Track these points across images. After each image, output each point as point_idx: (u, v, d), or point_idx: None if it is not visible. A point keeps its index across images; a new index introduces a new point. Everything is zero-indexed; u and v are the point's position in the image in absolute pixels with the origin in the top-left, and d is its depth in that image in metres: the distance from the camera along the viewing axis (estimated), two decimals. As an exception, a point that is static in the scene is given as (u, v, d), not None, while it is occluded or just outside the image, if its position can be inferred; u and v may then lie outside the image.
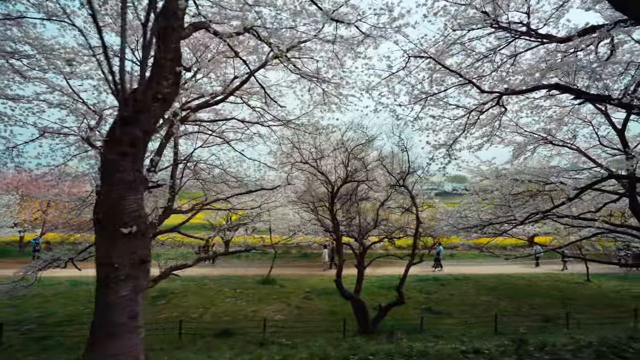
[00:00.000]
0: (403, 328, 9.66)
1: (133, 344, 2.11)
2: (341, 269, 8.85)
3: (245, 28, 6.03)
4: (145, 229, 2.31)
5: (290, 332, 9.47)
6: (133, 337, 2.12)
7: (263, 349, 7.00)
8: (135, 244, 2.24)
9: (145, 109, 2.32)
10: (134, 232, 2.20)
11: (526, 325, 9.86)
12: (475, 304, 12.07)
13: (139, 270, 2.25)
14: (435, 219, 11.42)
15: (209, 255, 9.26)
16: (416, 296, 12.79)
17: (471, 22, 6.32)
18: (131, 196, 2.23)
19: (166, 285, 13.89)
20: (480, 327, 9.82)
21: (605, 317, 10.67)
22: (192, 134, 9.84)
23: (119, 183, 2.20)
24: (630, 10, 3.95)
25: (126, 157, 2.21)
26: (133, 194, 2.24)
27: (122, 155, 2.21)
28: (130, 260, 2.20)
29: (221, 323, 9.87)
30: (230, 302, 11.93)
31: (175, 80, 3.00)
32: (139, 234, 2.25)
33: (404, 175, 9.39)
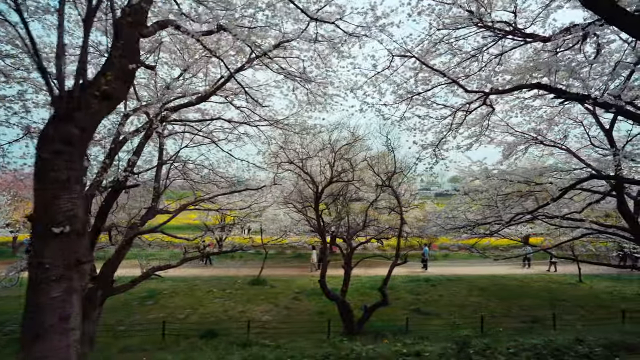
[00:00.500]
0: (390, 329, 9.60)
1: (63, 345, 2.06)
2: (325, 270, 8.80)
3: (220, 26, 5.98)
4: (81, 229, 2.26)
5: (276, 332, 9.43)
6: (63, 339, 2.06)
7: (244, 350, 6.98)
8: (70, 245, 2.19)
9: (82, 107, 2.27)
10: (66, 231, 2.15)
11: (513, 327, 9.84)
12: (464, 304, 12.02)
13: (74, 271, 2.20)
14: (425, 220, 11.37)
15: (194, 256, 9.20)
16: (405, 297, 12.74)
17: (456, 21, 6.29)
18: (65, 195, 2.18)
19: (156, 285, 13.87)
20: (467, 328, 9.75)
21: (595, 318, 10.63)
22: (179, 134, 9.81)
23: (53, 182, 2.15)
24: (599, 9, 3.91)
25: (60, 155, 2.17)
26: (67, 193, 2.19)
27: (55, 153, 2.16)
28: (63, 261, 2.15)
29: (207, 324, 9.83)
30: (218, 302, 11.88)
31: (125, 78, 2.96)
32: (73, 234, 2.20)
33: (390, 176, 9.35)
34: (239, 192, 9.38)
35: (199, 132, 9.35)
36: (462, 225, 10.30)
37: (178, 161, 9.90)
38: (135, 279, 7.37)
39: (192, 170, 10.25)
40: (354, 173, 10.33)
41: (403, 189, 12.15)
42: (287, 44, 7.07)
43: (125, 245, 7.28)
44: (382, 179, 9.43)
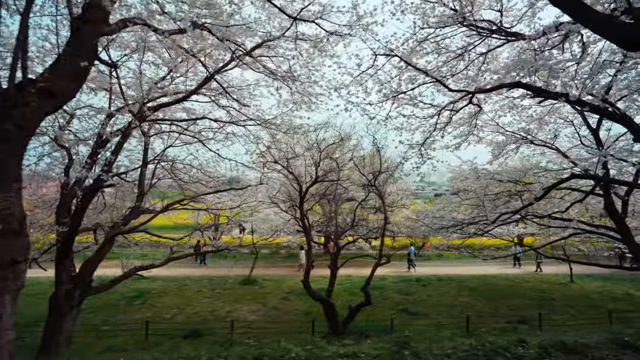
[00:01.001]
0: (375, 329, 9.57)
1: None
2: (309, 270, 8.78)
3: (195, 24, 5.95)
4: (18, 227, 2.24)
5: (261, 332, 9.38)
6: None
7: (224, 350, 6.96)
8: (5, 243, 2.17)
9: (19, 104, 2.24)
10: (1, 230, 2.13)
11: (500, 327, 9.82)
12: (453, 304, 12.00)
13: (9, 270, 2.18)
14: (412, 219, 11.35)
15: (179, 256, 9.16)
16: (394, 297, 12.72)
17: (440, 20, 6.26)
18: (0, 193, 2.15)
19: (146, 285, 13.85)
20: (453, 328, 9.73)
21: (584, 318, 10.62)
22: (165, 134, 9.78)
23: (-14, 180, 2.12)
24: (565, 7, 3.87)
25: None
26: (3, 191, 2.16)
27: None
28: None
29: (193, 324, 9.80)
30: (206, 302, 11.85)
31: (75, 76, 2.93)
32: (8, 232, 2.17)
33: (375, 175, 9.32)
34: (222, 191, 9.36)
35: (186, 130, 9.33)
36: (450, 225, 10.29)
37: (165, 161, 9.89)
38: (115, 278, 7.34)
39: (180, 170, 10.23)
40: (342, 173, 10.31)
41: (394, 189, 12.15)
42: (272, 44, 7.06)
43: (106, 245, 7.25)
44: (368, 179, 9.40)
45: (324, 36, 6.90)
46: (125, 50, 7.76)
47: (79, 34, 3.21)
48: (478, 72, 7.06)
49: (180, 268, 17.28)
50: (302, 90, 8.63)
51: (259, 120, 9.26)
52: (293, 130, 9.71)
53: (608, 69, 6.27)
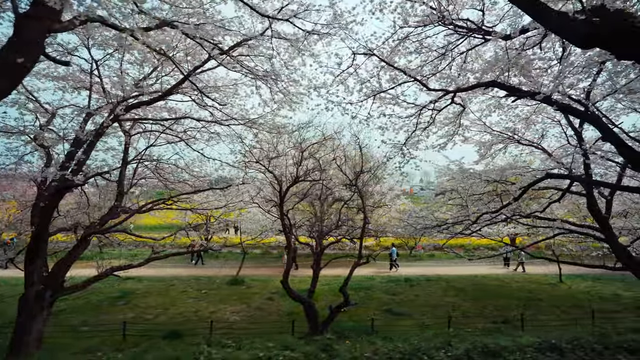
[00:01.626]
0: (356, 329, 9.53)
1: None
2: (289, 270, 8.72)
3: (165, 22, 5.88)
4: None
5: (242, 333, 9.33)
6: None
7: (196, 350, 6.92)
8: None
9: None
10: None
11: (483, 327, 9.78)
12: (439, 305, 11.95)
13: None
14: (397, 219, 11.29)
15: (159, 256, 9.09)
16: (381, 297, 12.66)
17: (420, 19, 6.22)
18: None
19: (132, 285, 13.80)
20: (436, 328, 9.68)
21: (567, 319, 10.57)
22: (147, 133, 9.73)
23: None
24: (522, 4, 3.82)
25: None
26: None
27: None
28: None
29: (175, 324, 9.73)
30: (191, 302, 11.79)
31: (11, 73, 2.88)
32: None
33: (357, 175, 9.27)
34: (201, 191, 9.29)
35: (168, 129, 9.27)
36: (434, 225, 10.23)
37: (149, 160, 9.83)
38: (89, 279, 7.27)
39: (165, 169, 10.16)
40: (328, 173, 10.25)
41: (380, 188, 12.08)
42: (252, 43, 7.01)
43: (80, 245, 7.19)
44: (350, 179, 9.35)
45: (302, 35, 6.87)
46: (109, 49, 7.70)
47: (19, 30, 3.16)
48: (460, 71, 7.02)
49: (175, 268, 17.29)
50: (283, 90, 8.60)
51: (242, 120, 9.20)
52: (277, 130, 9.68)
53: (593, 68, 6.25)
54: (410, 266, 18.86)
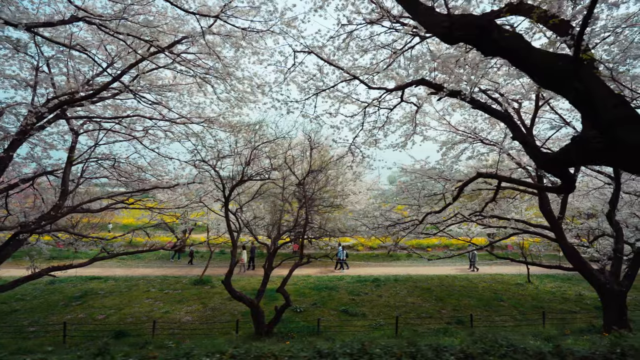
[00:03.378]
0: (303, 330, 9.48)
1: None
2: (232, 270, 8.66)
3: (74, 17, 5.82)
4: None
5: (189, 333, 9.29)
6: None
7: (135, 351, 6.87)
8: None
9: None
10: None
11: (436, 327, 9.73)
12: (399, 305, 11.89)
13: None
14: (352, 219, 11.22)
15: (104, 256, 9.00)
16: (343, 297, 12.59)
17: (363, 17, 6.16)
18: None
19: (96, 285, 13.73)
20: (387, 329, 9.64)
21: (522, 320, 10.53)
22: (95, 131, 9.63)
23: None
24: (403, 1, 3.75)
25: None
26: None
27: None
28: None
29: (124, 324, 9.66)
30: (148, 302, 11.71)
31: None
32: None
33: (305, 174, 9.20)
34: (146, 190, 9.20)
35: (115, 126, 9.19)
36: (388, 224, 10.17)
37: (104, 159, 9.74)
38: (19, 279, 7.19)
39: (122, 169, 10.07)
40: (281, 172, 10.19)
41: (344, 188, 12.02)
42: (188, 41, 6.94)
43: (8, 244, 7.11)
44: (298, 179, 9.28)
45: (241, 33, 6.79)
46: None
47: None
48: (407, 69, 6.98)
49: (161, 268, 17.19)
50: (227, 89, 8.53)
51: (196, 119, 9.16)
52: (231, 129, 9.63)
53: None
54: (387, 266, 18.82)
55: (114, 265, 17.92)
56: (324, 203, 10.19)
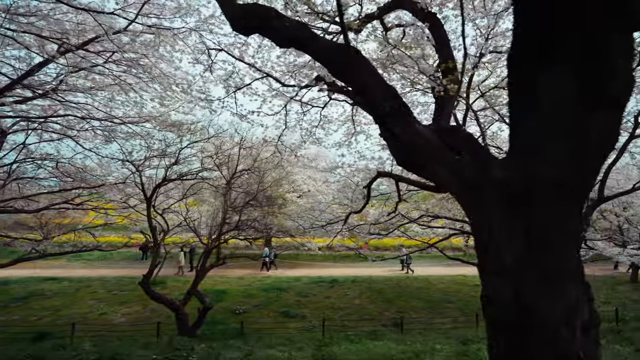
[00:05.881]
0: (232, 332, 9.37)
1: None
2: (152, 271, 8.57)
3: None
4: None
5: (119, 335, 9.21)
6: None
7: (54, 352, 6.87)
8: None
9: None
10: None
11: (364, 330, 9.58)
12: (343, 307, 11.75)
13: None
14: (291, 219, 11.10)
15: (30, 257, 8.95)
16: (290, 298, 12.48)
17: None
18: None
19: (47, 286, 13.67)
20: (318, 331, 9.51)
21: (461, 321, 10.37)
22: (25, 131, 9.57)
23: None
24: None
25: None
26: None
27: None
28: None
29: (54, 326, 9.59)
30: (90, 304, 11.65)
31: None
32: None
33: (232, 175, 9.10)
34: (59, 192, 9.11)
35: (43, 125, 9.10)
36: (322, 224, 10.06)
37: (42, 159, 9.68)
38: None
39: (59, 169, 10.00)
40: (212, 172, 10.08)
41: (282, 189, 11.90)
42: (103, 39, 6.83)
43: None
44: (226, 179, 9.17)
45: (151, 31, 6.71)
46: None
47: None
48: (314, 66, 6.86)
49: (128, 268, 17.12)
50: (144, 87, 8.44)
51: (130, 118, 9.08)
52: (168, 128, 9.56)
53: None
54: (354, 267, 18.68)
55: (78, 265, 17.91)
56: (263, 203, 10.06)
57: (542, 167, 1.91)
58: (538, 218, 1.99)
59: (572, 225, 2.03)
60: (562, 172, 1.89)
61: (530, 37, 1.78)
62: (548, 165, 1.90)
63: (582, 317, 1.95)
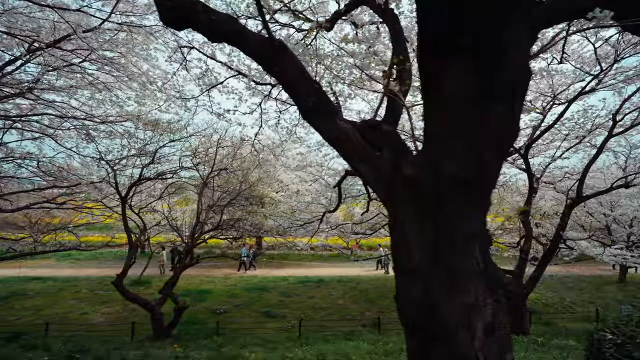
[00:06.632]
0: (205, 332, 9.33)
1: None
2: (126, 271, 8.54)
3: None
4: None
5: (97, 335, 9.17)
6: None
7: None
8: None
9: None
10: None
11: (342, 330, 9.54)
12: (325, 307, 11.71)
13: None
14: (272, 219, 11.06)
15: (6, 256, 8.93)
16: (273, 298, 12.43)
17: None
18: None
19: (32, 285, 13.66)
20: (296, 332, 9.46)
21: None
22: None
23: None
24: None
25: None
26: None
27: None
28: None
29: (32, 326, 9.55)
30: (71, 304, 11.63)
31: None
32: None
33: (208, 174, 9.06)
34: (34, 190, 9.09)
35: (22, 122, 9.07)
36: (300, 224, 10.03)
37: (22, 158, 9.66)
38: None
39: (40, 168, 9.98)
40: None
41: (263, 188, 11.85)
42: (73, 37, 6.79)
43: None
44: (203, 180, 9.14)
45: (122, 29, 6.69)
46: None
47: None
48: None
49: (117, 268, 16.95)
50: (121, 85, 8.42)
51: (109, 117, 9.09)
52: (147, 127, 9.54)
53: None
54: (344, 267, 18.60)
55: (66, 265, 17.89)
56: (242, 202, 10.02)
57: (447, 164, 1.86)
58: (444, 216, 1.94)
59: (476, 223, 1.98)
60: (463, 169, 1.84)
61: (431, 33, 1.75)
62: (452, 162, 1.85)
63: (485, 319, 1.89)
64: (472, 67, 1.69)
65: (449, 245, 1.88)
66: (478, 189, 1.88)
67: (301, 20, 5.89)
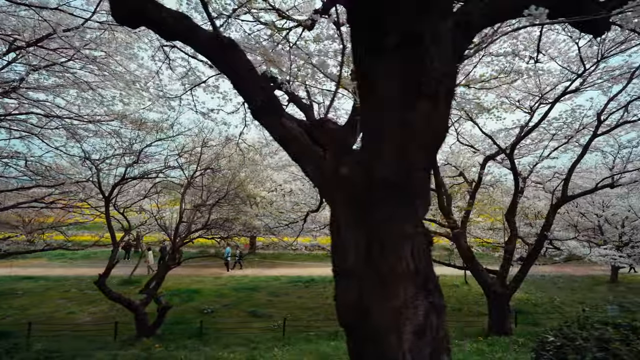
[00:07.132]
0: (189, 332, 9.30)
1: None
2: (110, 270, 8.51)
3: None
4: None
5: (82, 334, 9.15)
6: None
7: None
8: None
9: None
10: None
11: (326, 330, 9.51)
12: (314, 307, 11.68)
13: None
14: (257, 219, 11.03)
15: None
16: (261, 298, 12.41)
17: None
18: None
19: (23, 285, 13.64)
20: (279, 331, 9.44)
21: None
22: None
23: None
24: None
25: None
26: None
27: None
28: None
29: (16, 325, 9.53)
30: (59, 303, 11.59)
31: None
32: None
33: (192, 174, 9.02)
34: (17, 190, 9.05)
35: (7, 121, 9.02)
36: (285, 223, 10.00)
37: (9, 157, 9.62)
38: None
39: (29, 168, 9.94)
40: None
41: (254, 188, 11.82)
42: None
43: None
44: (188, 180, 9.10)
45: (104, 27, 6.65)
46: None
47: None
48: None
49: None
50: (107, 85, 8.40)
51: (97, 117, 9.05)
52: (133, 126, 9.50)
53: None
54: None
55: (57, 264, 17.87)
56: (235, 201, 9.99)
57: (379, 167, 1.84)
58: (375, 218, 1.91)
59: (408, 226, 1.94)
60: (393, 171, 1.81)
61: (362, 33, 1.73)
62: (383, 165, 1.83)
63: (415, 321, 1.85)
64: (399, 67, 1.66)
65: (379, 249, 1.85)
66: (408, 191, 1.84)
67: (284, 19, 5.85)
